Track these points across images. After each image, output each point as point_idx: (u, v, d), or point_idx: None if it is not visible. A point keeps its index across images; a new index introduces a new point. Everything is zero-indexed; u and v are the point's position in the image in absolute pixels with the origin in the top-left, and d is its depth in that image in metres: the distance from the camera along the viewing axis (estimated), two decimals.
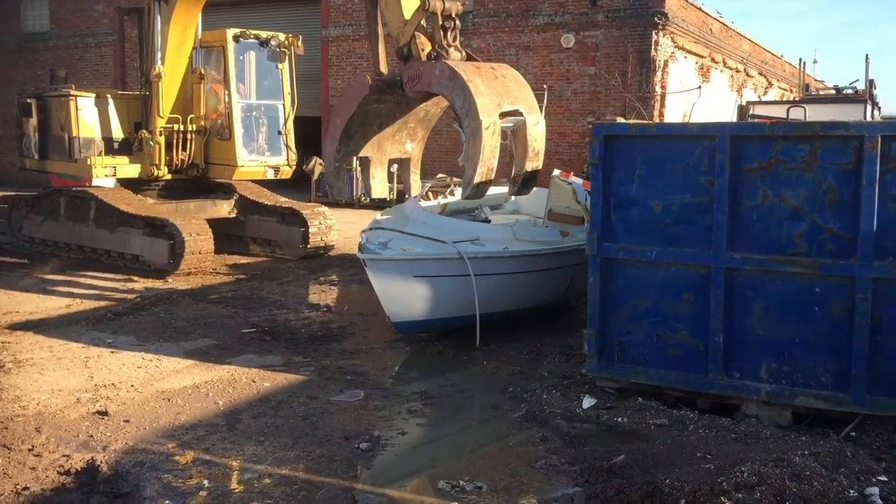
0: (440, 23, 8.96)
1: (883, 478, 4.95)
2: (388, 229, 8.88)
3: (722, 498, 4.50)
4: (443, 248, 8.49)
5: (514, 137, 9.07)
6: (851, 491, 4.68)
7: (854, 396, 5.91)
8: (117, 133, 14.37)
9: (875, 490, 4.71)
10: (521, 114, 8.82)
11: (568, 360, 7.95)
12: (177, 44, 13.44)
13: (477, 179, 8.50)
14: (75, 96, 14.01)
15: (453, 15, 9.05)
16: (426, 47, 9.18)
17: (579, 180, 10.25)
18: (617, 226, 6.69)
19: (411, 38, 9.19)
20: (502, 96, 8.70)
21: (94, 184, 13.66)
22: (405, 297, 8.37)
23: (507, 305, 8.90)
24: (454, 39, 9.10)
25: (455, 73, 8.51)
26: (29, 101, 15.03)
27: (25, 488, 5.14)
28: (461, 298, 8.40)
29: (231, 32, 13.72)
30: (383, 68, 9.82)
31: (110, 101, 14.50)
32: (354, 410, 6.73)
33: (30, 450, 5.72)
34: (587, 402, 6.71)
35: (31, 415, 6.46)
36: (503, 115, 8.67)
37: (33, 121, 14.86)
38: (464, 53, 9.19)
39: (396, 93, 9.31)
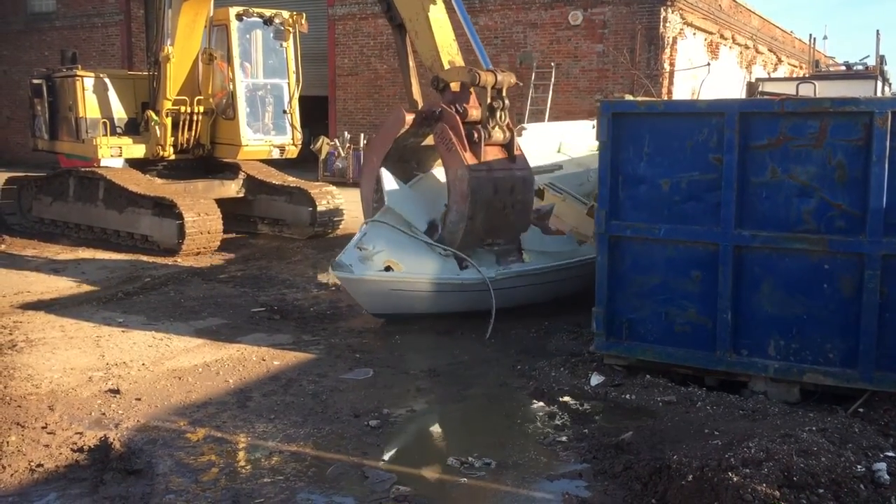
0: (489, 101, 8.56)
1: (890, 453, 4.96)
2: (390, 225, 8.49)
3: (729, 473, 4.52)
4: (454, 271, 8.41)
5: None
6: (859, 466, 4.69)
7: (862, 373, 5.91)
8: (125, 113, 14.35)
9: (882, 465, 4.72)
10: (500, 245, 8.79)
11: (576, 338, 7.97)
12: (186, 29, 13.37)
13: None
14: (82, 76, 13.99)
15: (504, 92, 8.64)
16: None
17: None
18: (625, 203, 6.67)
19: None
20: (493, 234, 8.62)
21: (101, 164, 13.69)
22: (383, 302, 8.36)
23: (511, 305, 8.83)
24: (502, 119, 8.67)
25: (465, 196, 8.28)
26: (39, 81, 15.03)
27: (39, 465, 5.20)
28: (448, 302, 8.45)
29: (234, 11, 13.63)
30: (417, 98, 9.49)
31: (117, 81, 14.49)
32: (364, 388, 6.77)
33: (43, 427, 5.78)
34: (595, 379, 6.74)
35: (44, 393, 6.52)
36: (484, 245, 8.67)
37: (44, 101, 14.87)
38: (507, 134, 8.70)
39: (434, 125, 8.81)
